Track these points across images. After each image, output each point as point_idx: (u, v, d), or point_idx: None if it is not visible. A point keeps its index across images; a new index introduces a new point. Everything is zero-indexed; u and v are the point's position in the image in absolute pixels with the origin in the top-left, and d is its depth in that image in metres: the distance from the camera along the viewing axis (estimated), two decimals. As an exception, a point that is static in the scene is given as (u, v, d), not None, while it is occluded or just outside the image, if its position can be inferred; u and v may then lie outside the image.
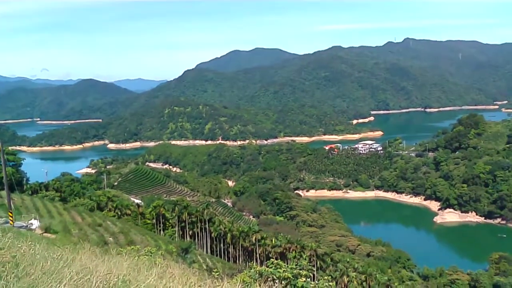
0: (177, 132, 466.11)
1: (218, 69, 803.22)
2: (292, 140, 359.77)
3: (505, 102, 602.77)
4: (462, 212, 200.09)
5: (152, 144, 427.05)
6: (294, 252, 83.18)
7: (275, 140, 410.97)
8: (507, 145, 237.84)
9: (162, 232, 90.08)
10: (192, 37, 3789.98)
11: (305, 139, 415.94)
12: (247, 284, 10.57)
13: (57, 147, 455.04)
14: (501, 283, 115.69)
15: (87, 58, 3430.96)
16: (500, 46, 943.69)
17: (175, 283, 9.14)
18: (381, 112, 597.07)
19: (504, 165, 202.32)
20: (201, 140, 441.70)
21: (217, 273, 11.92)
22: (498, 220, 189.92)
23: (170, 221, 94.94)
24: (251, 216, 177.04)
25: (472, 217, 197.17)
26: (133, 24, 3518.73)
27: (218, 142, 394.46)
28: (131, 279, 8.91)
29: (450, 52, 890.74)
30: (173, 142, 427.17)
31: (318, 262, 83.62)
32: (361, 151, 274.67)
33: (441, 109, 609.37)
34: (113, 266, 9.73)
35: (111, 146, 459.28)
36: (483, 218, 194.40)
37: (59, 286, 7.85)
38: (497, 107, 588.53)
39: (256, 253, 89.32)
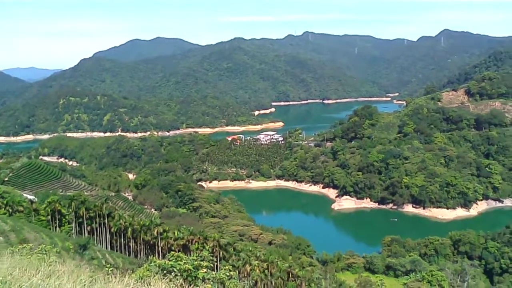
0: (73, 124, 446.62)
1: (117, 58, 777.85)
2: (194, 132, 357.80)
3: (396, 94, 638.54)
4: (357, 198, 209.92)
5: (46, 136, 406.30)
6: (197, 243, 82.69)
7: (177, 132, 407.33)
8: (398, 135, 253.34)
9: (58, 229, 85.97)
10: (89, 24, 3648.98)
11: (207, 130, 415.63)
12: (140, 278, 10.07)
13: None
14: (392, 264, 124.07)
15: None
16: (392, 42, 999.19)
17: (64, 281, 8.47)
18: (282, 103, 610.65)
19: (396, 154, 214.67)
20: (99, 132, 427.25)
21: (110, 269, 11.33)
22: (390, 205, 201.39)
23: (67, 217, 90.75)
24: (153, 209, 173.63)
25: (367, 203, 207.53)
26: (23, 9, 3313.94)
27: (117, 134, 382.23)
28: (12, 280, 8.11)
29: (347, 46, 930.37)
30: (69, 134, 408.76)
31: (221, 252, 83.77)
32: (262, 142, 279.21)
33: (338, 100, 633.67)
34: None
35: (1, 139, 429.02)
36: (377, 203, 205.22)
37: None
38: (389, 99, 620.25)
39: (158, 247, 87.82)
